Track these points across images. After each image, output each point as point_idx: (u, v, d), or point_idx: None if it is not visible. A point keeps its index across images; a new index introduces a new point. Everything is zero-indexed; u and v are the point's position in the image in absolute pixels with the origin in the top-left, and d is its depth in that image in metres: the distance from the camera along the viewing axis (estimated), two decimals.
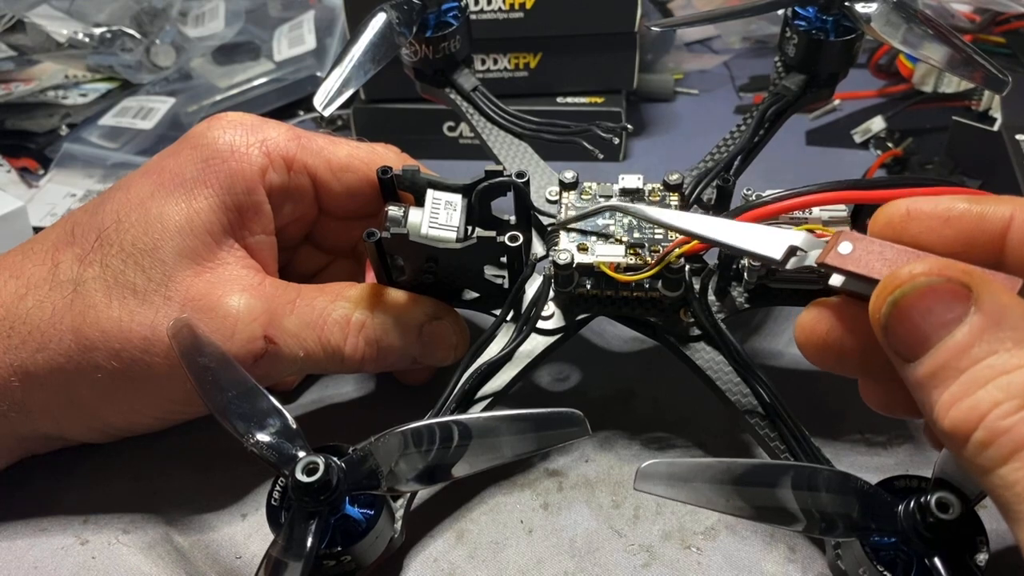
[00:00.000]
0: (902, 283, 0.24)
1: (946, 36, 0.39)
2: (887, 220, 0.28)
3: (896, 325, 0.25)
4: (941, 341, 0.24)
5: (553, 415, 0.31)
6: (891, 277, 0.25)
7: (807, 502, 0.29)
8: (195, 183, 0.36)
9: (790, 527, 0.30)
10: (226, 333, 0.35)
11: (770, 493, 0.29)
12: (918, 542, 0.28)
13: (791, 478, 0.30)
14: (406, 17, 0.42)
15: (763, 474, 0.30)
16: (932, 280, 0.24)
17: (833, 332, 0.29)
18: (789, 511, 0.29)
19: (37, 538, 0.37)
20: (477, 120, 0.45)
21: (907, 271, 0.24)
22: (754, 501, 0.29)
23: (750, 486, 0.30)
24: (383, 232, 0.35)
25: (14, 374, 0.35)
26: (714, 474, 0.30)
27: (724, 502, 0.30)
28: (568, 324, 0.38)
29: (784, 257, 0.29)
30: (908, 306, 0.24)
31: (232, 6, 0.75)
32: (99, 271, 0.35)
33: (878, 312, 0.25)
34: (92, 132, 0.66)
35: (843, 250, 0.27)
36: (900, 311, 0.24)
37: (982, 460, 0.23)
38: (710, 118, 0.66)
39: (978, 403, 0.23)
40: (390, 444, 0.31)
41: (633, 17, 0.58)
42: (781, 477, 0.30)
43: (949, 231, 0.27)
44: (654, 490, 0.29)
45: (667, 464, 0.30)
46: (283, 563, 0.29)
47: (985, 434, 0.22)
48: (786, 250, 0.29)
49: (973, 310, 0.23)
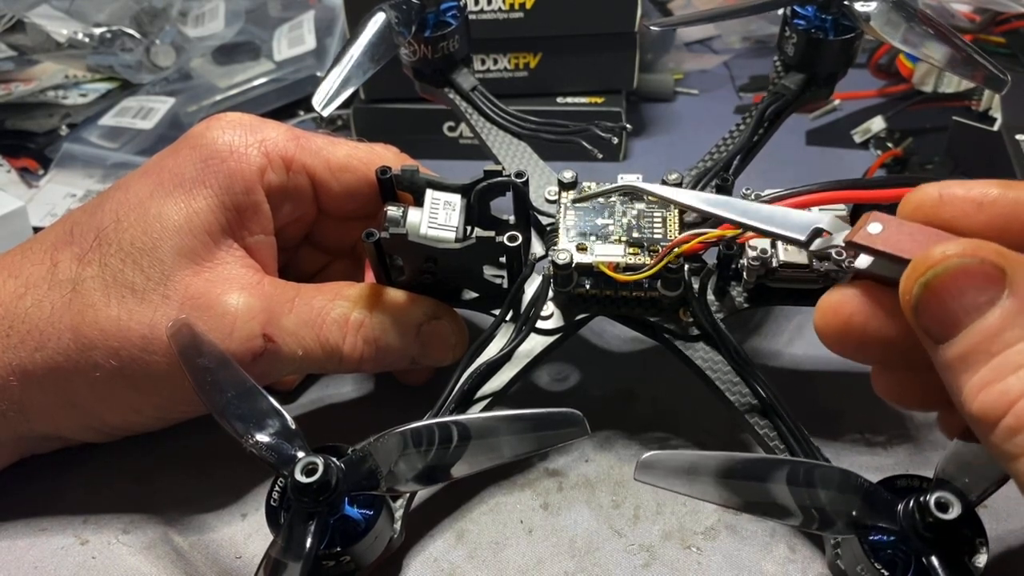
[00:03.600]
0: (934, 263, 0.24)
1: (946, 35, 0.39)
2: (918, 204, 0.27)
3: (927, 306, 0.24)
4: (972, 324, 0.23)
5: (552, 415, 0.31)
6: (923, 257, 0.24)
7: (807, 498, 0.29)
8: (194, 183, 0.36)
9: (789, 522, 0.30)
10: (224, 331, 0.35)
11: (770, 488, 0.29)
12: (917, 541, 0.28)
13: (792, 473, 0.29)
14: (405, 17, 0.42)
15: (764, 468, 0.30)
16: (965, 261, 0.24)
17: (857, 316, 0.28)
18: (789, 506, 0.29)
19: (37, 538, 0.37)
20: (476, 120, 0.45)
21: (940, 251, 0.24)
22: (754, 495, 0.29)
23: (751, 480, 0.30)
24: (382, 232, 0.35)
25: (12, 373, 0.35)
26: (715, 467, 0.30)
27: (724, 495, 0.29)
28: (567, 324, 0.38)
29: (809, 238, 0.29)
30: (940, 287, 0.24)
31: (232, 6, 0.75)
32: (98, 270, 0.35)
33: (909, 292, 0.24)
34: (92, 132, 0.66)
35: (872, 230, 0.27)
36: (931, 292, 0.24)
37: (1010, 446, 0.22)
38: (710, 118, 0.66)
39: (1008, 389, 0.22)
40: (389, 444, 0.31)
41: (633, 17, 0.58)
42: (782, 472, 0.30)
43: (982, 216, 0.26)
44: (654, 481, 0.29)
45: (667, 455, 0.30)
46: (282, 563, 0.29)
47: (1014, 420, 0.22)
48: (811, 231, 0.29)
49: (1007, 293, 0.23)
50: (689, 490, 0.30)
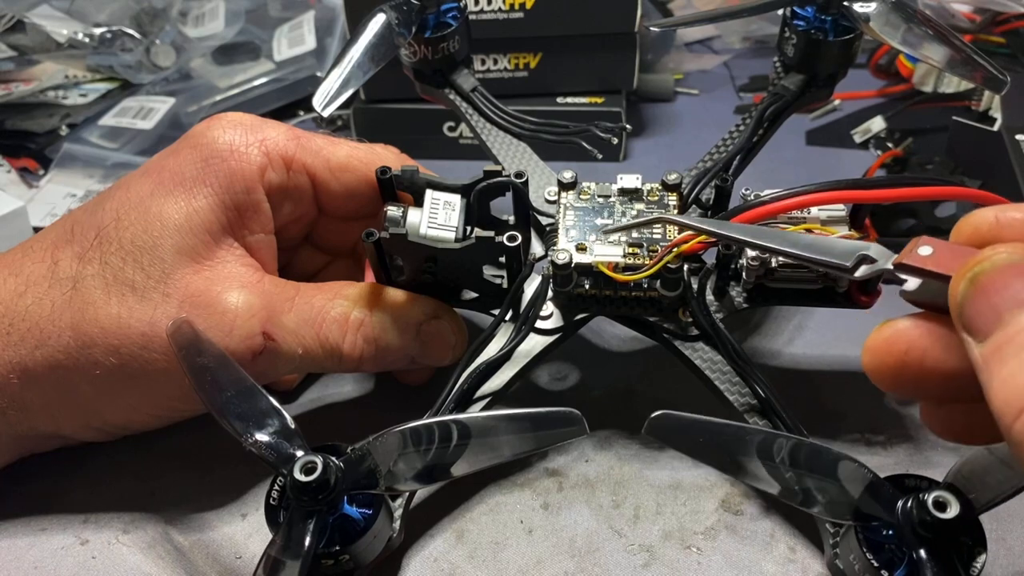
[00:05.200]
0: (983, 259, 0.23)
1: (945, 36, 0.39)
2: (974, 229, 0.26)
3: (971, 302, 0.23)
4: (1012, 317, 0.22)
5: (551, 414, 0.31)
6: (973, 259, 0.24)
7: (814, 480, 0.29)
8: (194, 182, 0.36)
9: (789, 500, 0.30)
10: (224, 329, 0.35)
11: (778, 466, 0.29)
12: (911, 537, 0.28)
13: (803, 454, 0.29)
14: (405, 17, 0.42)
15: (774, 445, 0.30)
16: (1013, 257, 0.23)
17: (914, 351, 0.26)
18: (791, 485, 0.29)
19: (37, 538, 0.37)
20: (476, 120, 0.45)
21: (989, 249, 0.23)
22: (760, 470, 0.29)
23: (759, 455, 0.30)
24: (382, 232, 0.35)
25: (13, 371, 0.35)
26: (726, 436, 0.30)
27: (731, 466, 0.29)
28: (567, 324, 0.38)
29: (854, 264, 0.28)
30: (986, 282, 0.23)
31: (232, 6, 0.75)
32: (98, 268, 0.35)
33: (956, 292, 0.24)
34: (92, 132, 0.66)
35: (923, 252, 0.26)
36: (977, 287, 0.23)
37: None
38: (710, 118, 0.66)
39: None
40: (389, 443, 0.31)
41: (633, 17, 0.58)
42: (793, 451, 0.30)
43: None
44: (664, 439, 0.29)
45: (680, 416, 0.30)
46: (281, 562, 0.29)
47: None
48: (857, 257, 0.28)
49: None
50: (696, 454, 0.30)
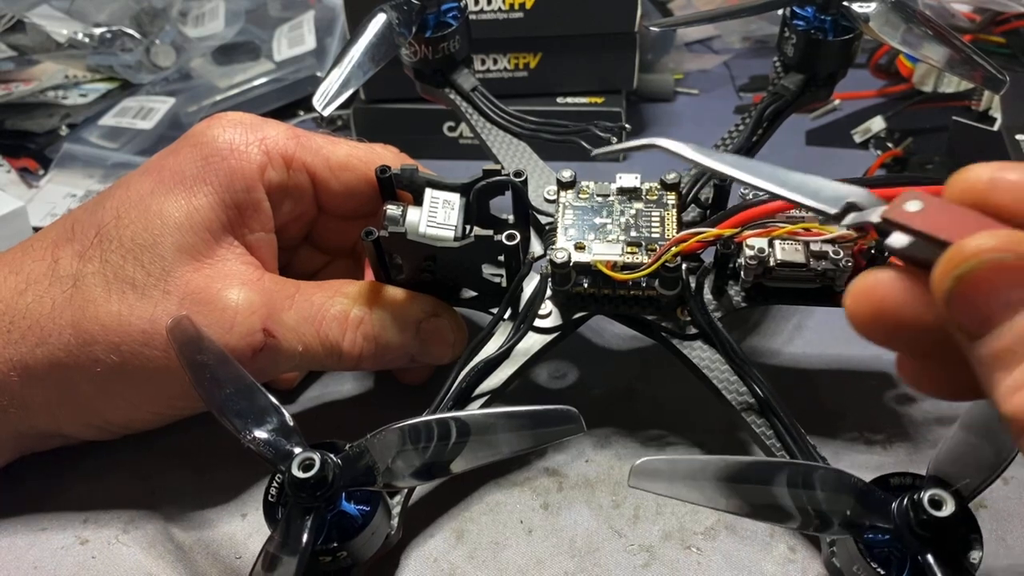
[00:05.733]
0: (968, 257, 0.23)
1: (945, 36, 0.39)
2: (966, 186, 0.25)
3: (959, 300, 0.23)
4: (1007, 321, 0.22)
5: (549, 412, 0.31)
6: (957, 249, 0.23)
7: (802, 499, 0.29)
8: (195, 181, 0.36)
9: (785, 524, 0.30)
10: (225, 326, 0.35)
11: (765, 490, 0.29)
12: (911, 539, 0.28)
13: (786, 475, 0.30)
14: (405, 17, 0.42)
15: (758, 471, 0.30)
16: (1001, 256, 0.22)
17: (890, 300, 0.26)
18: (784, 508, 0.29)
19: (37, 537, 0.37)
20: (476, 120, 0.45)
21: (975, 245, 0.23)
22: (749, 498, 0.29)
23: (745, 483, 0.30)
24: (381, 231, 0.35)
25: (13, 369, 0.35)
26: (710, 472, 0.30)
27: (719, 499, 0.29)
28: (565, 322, 0.38)
29: (841, 212, 0.27)
30: (973, 282, 0.23)
31: (232, 6, 0.75)
32: (98, 266, 0.35)
33: (942, 284, 0.23)
34: (92, 132, 0.66)
35: (911, 207, 0.25)
36: (964, 286, 0.23)
37: None
38: (710, 118, 0.66)
39: None
40: (387, 440, 0.31)
41: (633, 17, 0.58)
42: (776, 474, 0.30)
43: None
44: (649, 487, 0.29)
45: (662, 461, 0.30)
46: (279, 558, 0.29)
47: None
48: (844, 204, 0.27)
49: None
50: (684, 495, 0.29)
